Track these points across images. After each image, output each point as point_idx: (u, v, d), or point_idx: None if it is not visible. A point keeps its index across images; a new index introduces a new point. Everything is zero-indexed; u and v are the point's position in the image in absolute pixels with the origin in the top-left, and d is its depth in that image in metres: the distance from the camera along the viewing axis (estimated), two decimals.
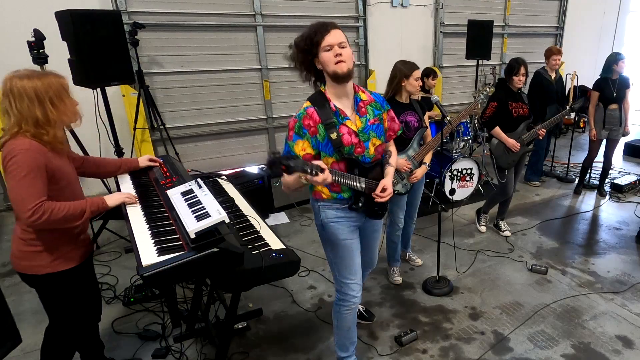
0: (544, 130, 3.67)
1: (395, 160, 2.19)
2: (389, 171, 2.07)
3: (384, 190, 1.97)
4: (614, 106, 4.54)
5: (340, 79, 1.82)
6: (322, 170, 1.67)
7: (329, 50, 1.78)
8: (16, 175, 1.65)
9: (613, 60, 4.47)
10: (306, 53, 1.83)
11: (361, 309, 2.86)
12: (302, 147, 1.85)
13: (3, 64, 4.21)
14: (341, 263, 2.09)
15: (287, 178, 1.77)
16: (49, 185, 1.75)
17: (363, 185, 1.95)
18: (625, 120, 4.60)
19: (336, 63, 1.78)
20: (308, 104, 1.89)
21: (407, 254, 3.57)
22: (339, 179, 1.87)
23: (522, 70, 3.47)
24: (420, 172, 2.99)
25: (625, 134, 4.69)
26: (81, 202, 1.82)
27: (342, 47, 1.79)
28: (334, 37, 1.78)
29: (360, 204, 1.98)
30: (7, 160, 1.66)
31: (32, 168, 1.66)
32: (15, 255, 1.86)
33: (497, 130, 3.60)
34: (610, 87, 4.51)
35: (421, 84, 2.86)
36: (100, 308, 2.28)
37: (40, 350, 2.14)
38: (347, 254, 2.07)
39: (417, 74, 2.85)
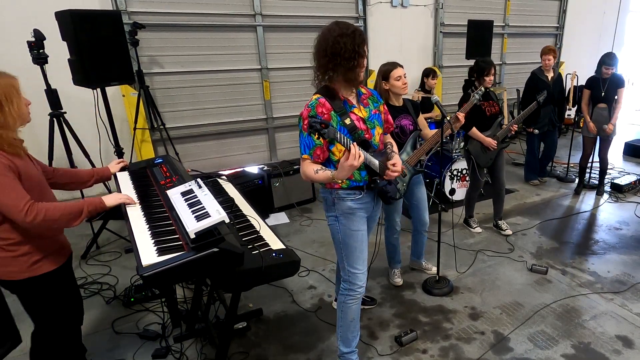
0: (516, 126, 3.80)
1: (397, 150, 2.31)
2: (395, 155, 2.19)
3: (394, 165, 2.08)
4: (602, 105, 4.56)
5: (357, 83, 2.03)
6: (349, 143, 1.80)
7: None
8: None
9: (602, 62, 4.47)
10: (352, 60, 1.90)
11: (363, 296, 2.90)
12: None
13: (3, 64, 4.22)
14: (352, 254, 2.17)
15: (315, 176, 1.93)
16: None
17: (377, 163, 2.04)
18: (611, 118, 4.55)
19: (361, 72, 1.97)
20: (318, 95, 1.99)
21: (423, 264, 3.47)
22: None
23: (492, 71, 3.54)
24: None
25: (606, 130, 4.56)
26: (79, 202, 1.81)
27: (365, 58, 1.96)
28: (365, 49, 1.94)
29: (378, 182, 2.08)
30: None
31: (1, 172, 1.63)
32: None
33: (474, 130, 3.65)
34: (600, 86, 4.52)
35: (405, 82, 2.82)
36: (82, 311, 2.22)
37: (30, 357, 2.07)
38: (358, 245, 2.16)
39: (397, 72, 2.77)
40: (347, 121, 1.97)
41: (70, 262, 2.05)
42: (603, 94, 4.51)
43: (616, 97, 4.51)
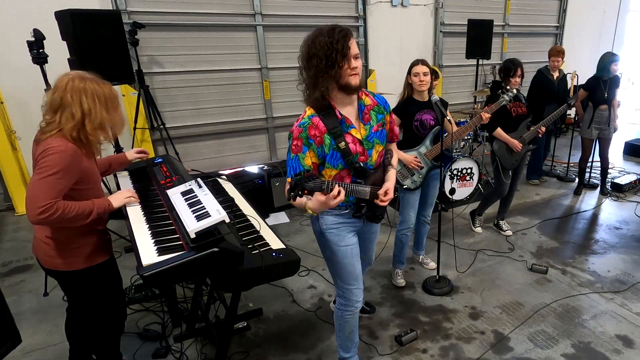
0: (544, 128, 3.71)
1: (397, 160, 2.17)
2: (391, 175, 2.02)
3: (386, 193, 1.93)
4: (604, 107, 4.56)
5: (352, 90, 1.77)
6: (336, 187, 1.69)
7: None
8: (43, 172, 1.68)
9: (610, 60, 4.45)
10: (327, 60, 1.65)
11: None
12: (310, 157, 1.81)
13: (3, 64, 4.23)
14: (342, 270, 2.06)
15: (293, 201, 1.76)
16: (77, 185, 1.80)
17: (369, 189, 1.91)
18: (614, 117, 4.61)
19: (350, 75, 1.72)
20: (312, 111, 1.80)
21: (420, 257, 3.52)
22: (349, 191, 1.81)
23: (519, 72, 3.48)
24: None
25: (615, 129, 4.68)
26: (88, 203, 1.82)
27: (357, 59, 1.72)
28: (353, 48, 1.69)
29: (364, 211, 1.97)
30: (42, 156, 1.71)
31: (62, 169, 1.70)
32: (49, 255, 1.89)
33: (499, 131, 3.59)
34: (602, 88, 4.52)
35: (423, 79, 2.86)
36: (125, 316, 2.28)
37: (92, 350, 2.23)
38: (348, 261, 2.04)
39: (416, 69, 2.85)
40: (342, 145, 1.79)
41: (113, 255, 2.15)
42: (606, 95, 4.51)
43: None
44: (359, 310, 2.21)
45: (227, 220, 1.69)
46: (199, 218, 1.71)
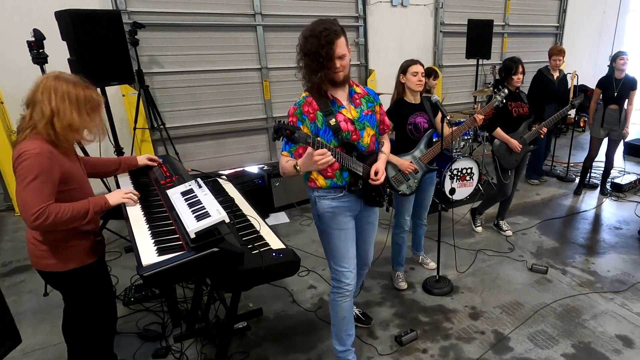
0: (546, 129, 3.69)
1: (389, 149, 2.30)
2: (381, 157, 2.17)
3: (376, 173, 2.06)
4: (614, 106, 4.52)
5: (337, 84, 1.99)
6: (323, 146, 1.79)
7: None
8: (24, 180, 1.66)
9: (616, 56, 4.46)
10: (316, 63, 1.86)
11: (358, 313, 2.82)
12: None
13: (3, 64, 4.23)
14: (336, 252, 2.17)
15: (284, 164, 1.95)
16: (60, 187, 1.77)
17: (361, 168, 2.04)
18: (625, 121, 4.58)
19: (335, 73, 1.91)
20: (306, 93, 2.01)
21: (420, 257, 3.52)
22: (339, 158, 1.92)
23: (520, 69, 3.46)
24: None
25: (623, 135, 4.64)
26: (84, 203, 1.82)
27: (341, 59, 1.88)
28: (338, 50, 1.85)
29: (360, 186, 2.06)
30: (18, 162, 1.68)
31: (41, 171, 1.68)
32: (36, 255, 1.88)
33: (499, 131, 3.58)
34: (613, 86, 4.48)
35: (421, 79, 2.84)
36: (116, 317, 2.27)
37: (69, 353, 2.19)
38: (342, 243, 2.15)
39: (415, 68, 2.81)
40: (332, 122, 1.96)
41: (104, 256, 2.14)
42: (616, 94, 4.47)
43: (627, 99, 4.50)
44: (352, 299, 2.28)
45: (227, 220, 1.69)
46: (198, 218, 1.71)
